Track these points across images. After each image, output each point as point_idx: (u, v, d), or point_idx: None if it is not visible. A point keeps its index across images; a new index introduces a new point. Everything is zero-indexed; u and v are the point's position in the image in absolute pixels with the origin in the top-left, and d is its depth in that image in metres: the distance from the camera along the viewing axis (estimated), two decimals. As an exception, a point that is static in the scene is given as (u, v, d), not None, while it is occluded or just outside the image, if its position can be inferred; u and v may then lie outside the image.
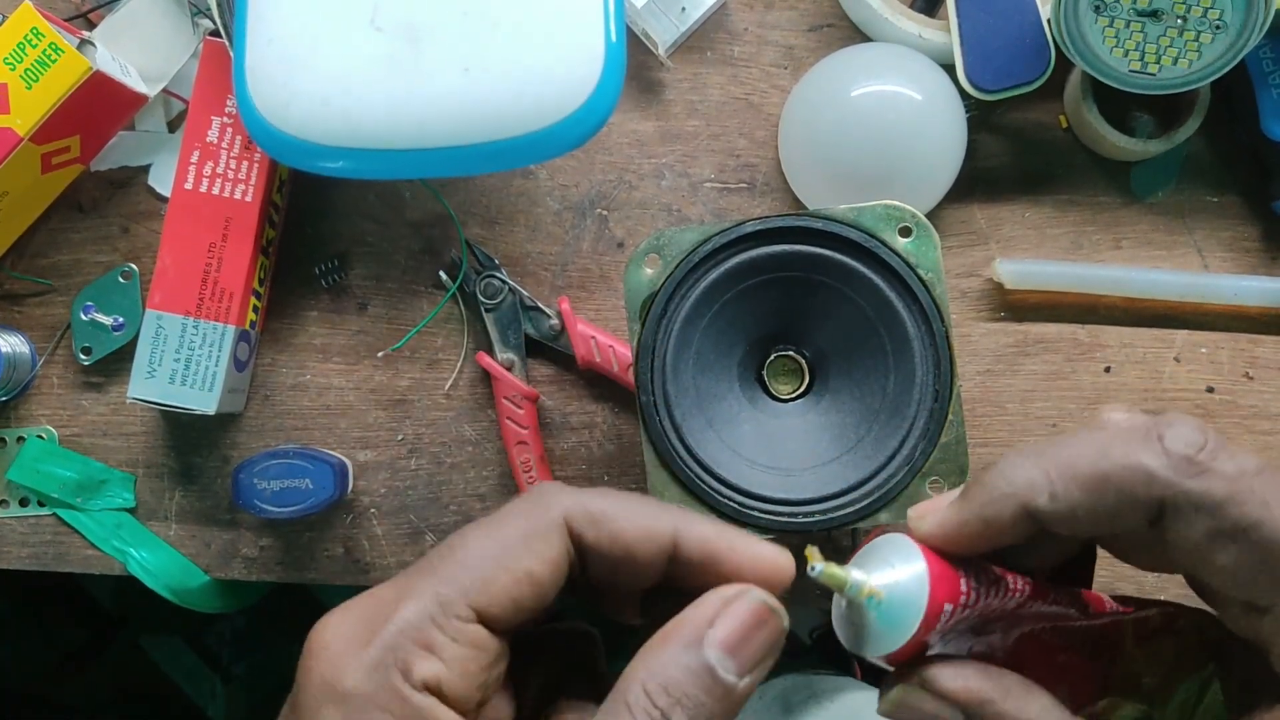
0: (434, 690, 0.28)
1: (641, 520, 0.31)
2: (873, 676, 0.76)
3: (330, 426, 0.64)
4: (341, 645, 0.29)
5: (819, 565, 0.30)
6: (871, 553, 0.31)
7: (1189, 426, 0.30)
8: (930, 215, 0.62)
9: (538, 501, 0.31)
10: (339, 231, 0.65)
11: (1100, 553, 0.35)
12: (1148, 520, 0.29)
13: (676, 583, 0.32)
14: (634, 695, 0.29)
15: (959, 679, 0.30)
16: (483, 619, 0.29)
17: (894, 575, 0.30)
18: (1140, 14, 0.53)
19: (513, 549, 0.30)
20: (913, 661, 0.31)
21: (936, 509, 0.32)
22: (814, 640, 1.36)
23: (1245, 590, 0.29)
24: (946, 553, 0.31)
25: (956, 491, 0.32)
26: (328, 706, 0.28)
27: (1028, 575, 0.32)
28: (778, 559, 0.31)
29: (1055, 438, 0.31)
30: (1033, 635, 0.33)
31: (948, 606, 0.29)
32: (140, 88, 0.62)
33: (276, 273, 0.65)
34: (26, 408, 0.65)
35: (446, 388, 0.64)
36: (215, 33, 0.60)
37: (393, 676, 0.28)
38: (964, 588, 0.30)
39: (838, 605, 0.32)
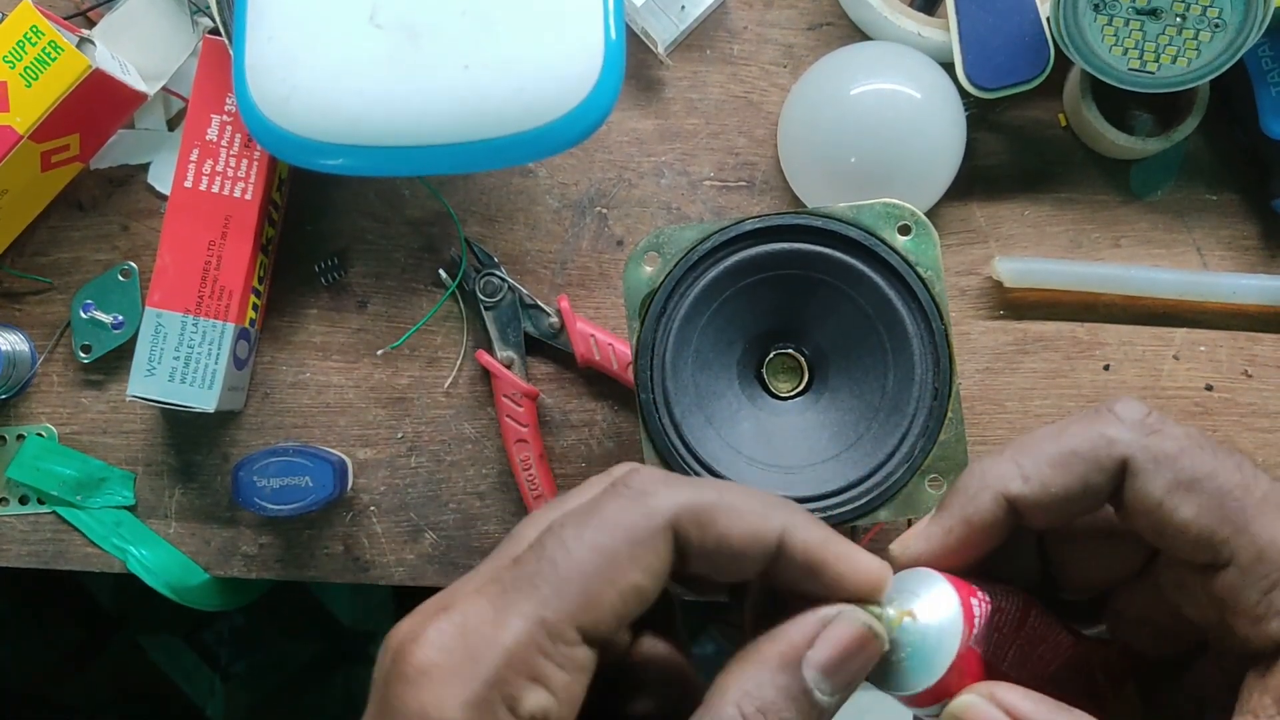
0: None
1: (749, 521, 0.30)
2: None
3: (330, 424, 0.64)
4: (442, 674, 0.26)
5: (846, 607, 0.29)
6: (899, 585, 0.31)
7: (1134, 401, 0.31)
8: (929, 213, 0.62)
9: (640, 501, 0.29)
10: (338, 229, 0.65)
11: None
12: (1112, 486, 0.30)
13: (770, 579, 0.31)
14: (729, 715, 0.28)
15: (1028, 700, 0.29)
16: (587, 639, 0.28)
17: (922, 598, 0.30)
18: (1139, 12, 0.54)
19: (618, 561, 0.28)
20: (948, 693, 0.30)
21: (917, 533, 0.32)
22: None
23: (1206, 543, 0.29)
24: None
25: (929, 515, 0.32)
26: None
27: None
28: (879, 573, 0.30)
29: (1017, 437, 0.32)
30: (1053, 669, 0.33)
31: (975, 606, 0.30)
32: (140, 86, 0.62)
33: (276, 271, 0.65)
34: (26, 406, 0.65)
35: (446, 386, 0.64)
36: (214, 31, 0.60)
37: (500, 713, 0.26)
38: (979, 595, 0.30)
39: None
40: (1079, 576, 0.35)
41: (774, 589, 0.31)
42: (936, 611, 0.30)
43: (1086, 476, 0.30)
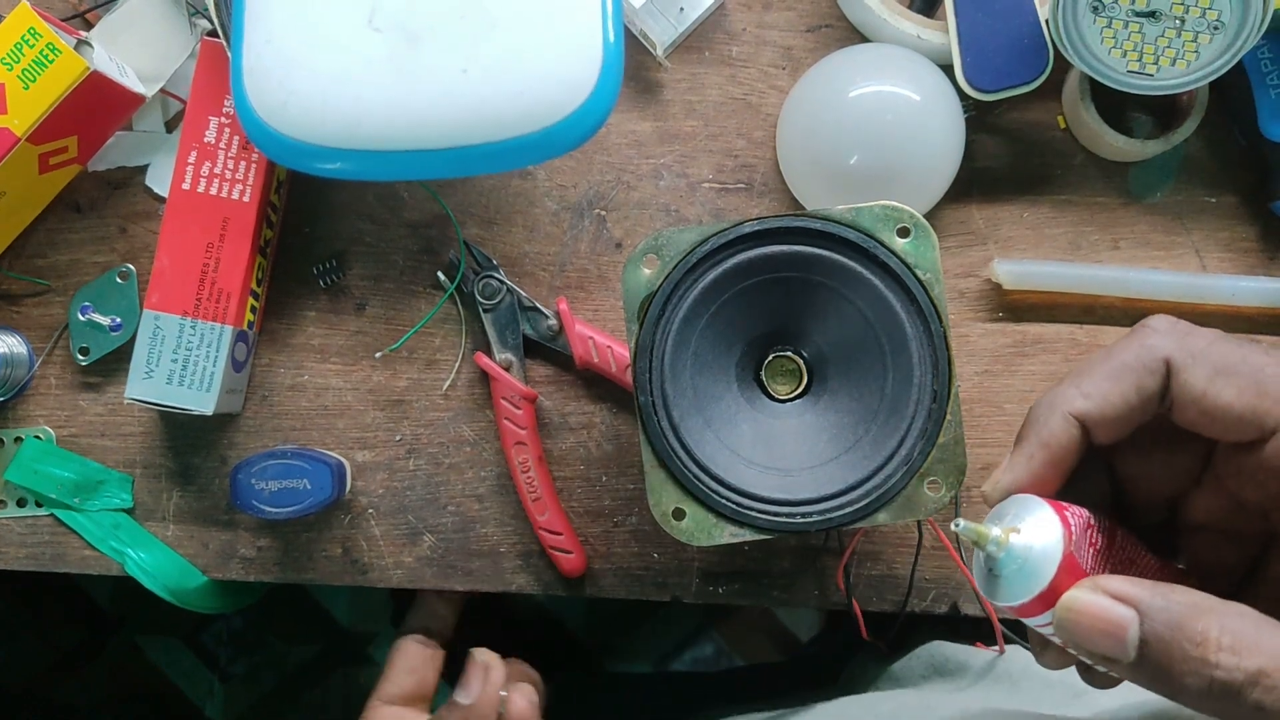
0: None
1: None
2: (899, 652, 0.75)
3: (328, 427, 0.64)
4: None
5: (962, 522, 0.33)
6: (1000, 512, 0.35)
7: (1163, 315, 0.36)
8: (928, 216, 0.62)
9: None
10: (337, 232, 0.65)
11: None
12: (1161, 387, 0.34)
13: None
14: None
15: (1124, 584, 0.31)
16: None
17: (1023, 518, 0.34)
18: (1138, 14, 0.54)
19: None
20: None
21: (1003, 468, 0.36)
22: (809, 646, 1.36)
23: (1250, 419, 0.33)
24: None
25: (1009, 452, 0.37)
26: None
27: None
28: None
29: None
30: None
31: (1074, 522, 0.33)
32: (138, 88, 0.62)
33: (274, 273, 0.65)
34: (24, 408, 0.65)
35: (444, 388, 0.64)
36: (213, 33, 0.60)
37: None
38: (1072, 509, 0.34)
39: (979, 566, 0.35)
40: (1149, 489, 0.38)
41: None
42: (1037, 525, 0.33)
43: (1139, 382, 0.34)
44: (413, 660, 0.64)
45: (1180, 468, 0.37)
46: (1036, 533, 0.33)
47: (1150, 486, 0.38)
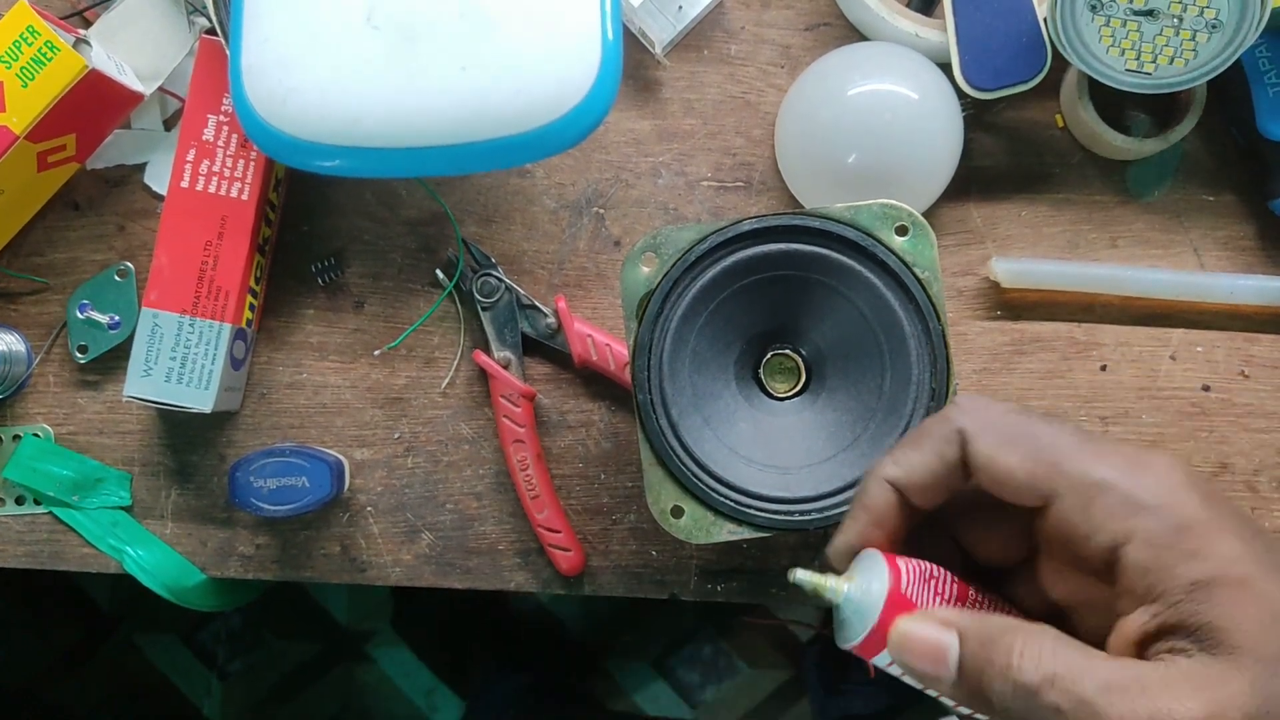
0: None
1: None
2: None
3: (327, 425, 0.64)
4: None
5: (799, 572, 0.37)
6: (855, 565, 0.38)
7: (971, 395, 0.39)
8: (927, 214, 0.62)
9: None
10: (335, 229, 0.65)
11: None
12: (960, 453, 0.37)
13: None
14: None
15: (950, 612, 0.36)
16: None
17: (857, 568, 0.38)
18: (1136, 13, 0.54)
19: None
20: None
21: (835, 535, 0.39)
22: (810, 643, 1.37)
23: (1031, 486, 0.36)
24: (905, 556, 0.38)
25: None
26: None
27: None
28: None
29: None
30: None
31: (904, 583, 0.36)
32: (136, 86, 0.62)
33: (273, 271, 0.65)
34: (23, 406, 0.65)
35: (443, 386, 0.64)
36: (211, 31, 0.60)
37: None
38: (906, 560, 0.37)
39: (834, 616, 0.38)
40: (988, 554, 0.40)
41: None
42: (869, 571, 0.37)
43: (939, 450, 0.37)
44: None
45: (1009, 535, 0.39)
46: (868, 577, 0.37)
47: (989, 552, 0.40)
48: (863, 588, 0.37)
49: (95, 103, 0.60)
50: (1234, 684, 0.32)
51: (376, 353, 0.64)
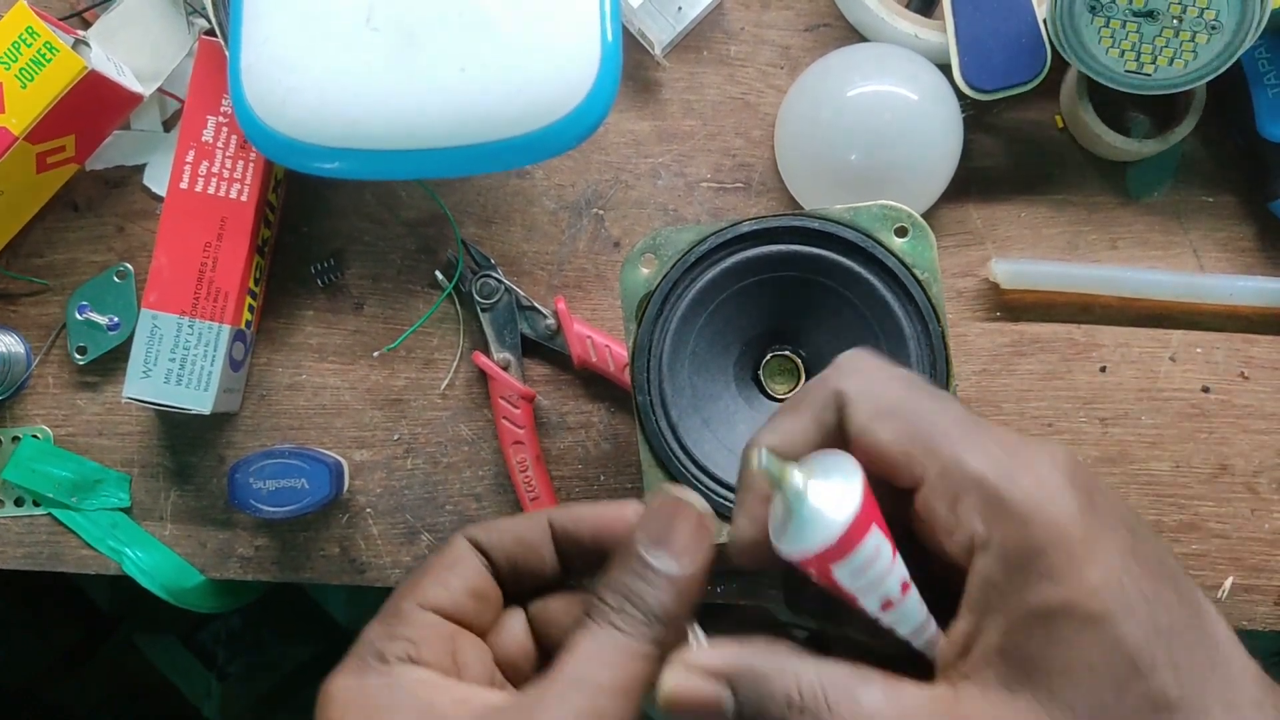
0: (408, 661, 0.35)
1: (522, 518, 0.38)
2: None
3: (326, 426, 0.64)
4: (337, 681, 0.35)
5: (765, 453, 0.32)
6: (815, 460, 0.34)
7: (857, 352, 0.36)
8: (926, 215, 0.62)
9: (446, 540, 0.39)
10: (335, 231, 0.65)
11: None
12: (838, 419, 0.34)
13: (574, 563, 0.38)
14: (594, 607, 0.34)
15: (713, 657, 0.33)
16: (430, 609, 0.36)
17: (834, 477, 0.32)
18: (1136, 14, 0.54)
19: (432, 566, 0.37)
20: (820, 578, 0.33)
21: (736, 515, 0.36)
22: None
23: (904, 464, 0.32)
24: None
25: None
26: (322, 707, 0.34)
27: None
28: (628, 501, 0.38)
29: None
30: None
31: (875, 533, 0.32)
32: (135, 87, 0.62)
33: (272, 272, 0.65)
34: (22, 407, 0.65)
35: (442, 387, 0.64)
36: (210, 32, 0.60)
37: (369, 663, 0.35)
38: (880, 533, 0.32)
39: (775, 507, 0.34)
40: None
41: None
42: (833, 470, 0.32)
43: (817, 417, 0.34)
44: (467, 563, 0.40)
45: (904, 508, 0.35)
46: (835, 477, 0.32)
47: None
48: (829, 488, 0.32)
49: (94, 104, 0.60)
50: None
51: (376, 354, 0.64)
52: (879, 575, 0.32)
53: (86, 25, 0.64)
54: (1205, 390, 0.63)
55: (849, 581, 0.32)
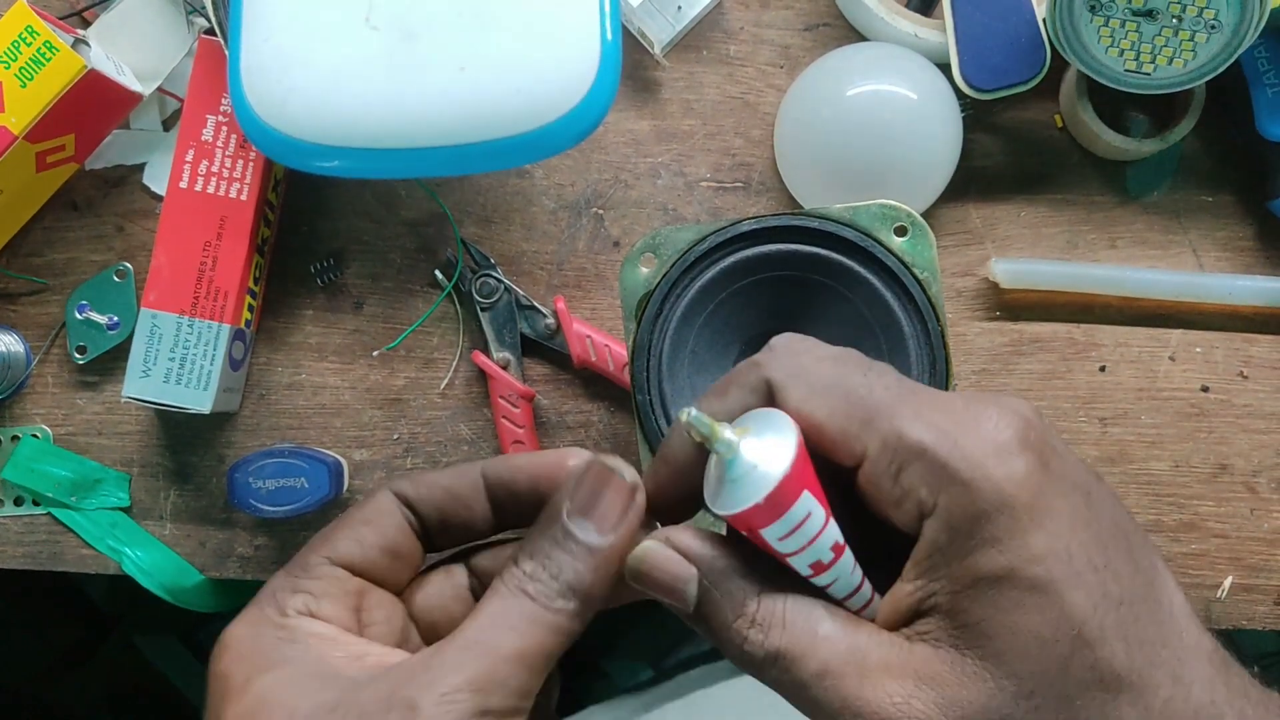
0: (307, 614, 0.34)
1: (452, 468, 0.37)
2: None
3: (325, 425, 0.64)
4: (234, 630, 0.35)
5: (693, 411, 0.31)
6: (750, 418, 0.33)
7: (786, 335, 0.34)
8: (926, 214, 0.62)
9: (371, 492, 0.38)
10: (334, 230, 0.65)
11: None
12: (766, 403, 0.33)
13: (508, 517, 0.37)
14: (508, 570, 0.33)
15: (694, 541, 0.33)
16: (334, 562, 0.36)
17: (767, 436, 0.32)
18: (1135, 13, 0.54)
19: (350, 519, 0.37)
20: (747, 538, 0.32)
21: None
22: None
23: (843, 441, 0.31)
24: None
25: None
26: (217, 654, 0.34)
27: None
28: (574, 450, 0.36)
29: None
30: None
31: (806, 495, 0.31)
32: (135, 86, 0.62)
33: (272, 271, 0.65)
34: (21, 407, 0.65)
35: (442, 387, 0.64)
36: (210, 31, 0.60)
37: (268, 614, 0.34)
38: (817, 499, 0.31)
39: (709, 467, 0.33)
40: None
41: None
42: (767, 428, 0.32)
43: (744, 401, 0.33)
44: (387, 518, 0.38)
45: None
46: (769, 436, 0.31)
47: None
48: (762, 446, 0.31)
49: (94, 103, 0.60)
50: (969, 691, 0.29)
51: (375, 353, 0.64)
52: (809, 537, 0.31)
53: (86, 24, 0.64)
54: (1204, 390, 0.63)
55: (778, 543, 0.31)
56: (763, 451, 0.31)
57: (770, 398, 0.33)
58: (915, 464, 0.30)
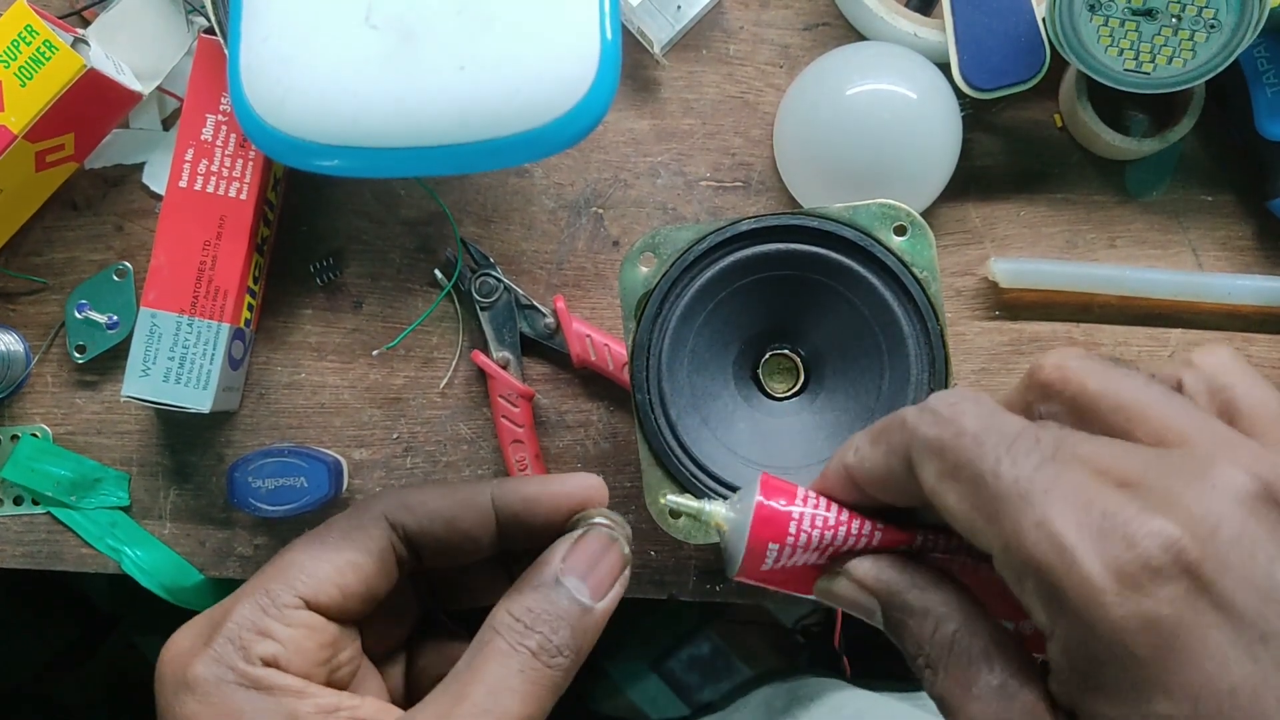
0: (272, 665, 0.33)
1: (458, 494, 0.37)
2: (862, 678, 0.76)
3: (325, 425, 0.64)
4: (188, 645, 0.34)
5: (670, 495, 0.36)
6: (740, 493, 0.36)
7: (955, 391, 0.31)
8: (925, 214, 0.62)
9: (359, 506, 0.37)
10: (334, 229, 0.65)
11: None
12: (906, 466, 0.31)
13: (515, 544, 0.37)
14: (500, 620, 0.33)
15: (873, 570, 0.32)
16: (311, 606, 0.35)
17: (735, 510, 0.35)
18: (1135, 13, 0.54)
19: (334, 543, 0.35)
20: (762, 579, 0.34)
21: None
22: (804, 636, 1.37)
23: (970, 534, 0.29)
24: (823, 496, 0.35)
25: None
26: (181, 695, 0.34)
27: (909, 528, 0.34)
28: (589, 481, 0.38)
29: None
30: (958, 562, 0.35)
31: (772, 546, 0.33)
32: (134, 85, 0.62)
33: (271, 271, 0.65)
34: (20, 406, 0.65)
35: (441, 386, 0.64)
36: (210, 30, 0.60)
37: (234, 659, 0.33)
38: (793, 530, 0.33)
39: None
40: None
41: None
42: (745, 493, 0.34)
43: (888, 459, 0.31)
44: (376, 560, 0.36)
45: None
46: (742, 499, 0.34)
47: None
48: (724, 512, 0.34)
49: (94, 102, 0.60)
50: None
51: (375, 353, 0.64)
52: (799, 561, 0.34)
53: (86, 23, 0.64)
54: (1204, 389, 0.63)
55: (780, 568, 0.34)
56: (727, 517, 0.34)
57: (908, 464, 0.31)
58: (1030, 580, 0.26)
